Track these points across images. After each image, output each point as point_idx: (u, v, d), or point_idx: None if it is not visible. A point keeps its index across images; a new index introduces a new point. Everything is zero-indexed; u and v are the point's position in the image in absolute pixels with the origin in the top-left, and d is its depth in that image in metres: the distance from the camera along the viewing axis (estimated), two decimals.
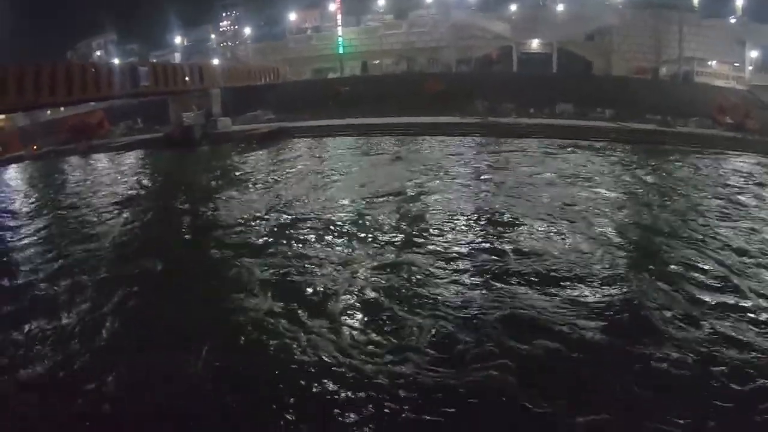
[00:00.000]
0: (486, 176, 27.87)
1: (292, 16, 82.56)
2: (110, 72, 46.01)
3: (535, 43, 69.80)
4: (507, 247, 16.37)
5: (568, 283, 13.65)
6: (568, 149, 38.53)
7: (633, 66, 67.66)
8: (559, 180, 27.30)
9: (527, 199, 22.85)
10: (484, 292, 13.18)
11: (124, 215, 23.92)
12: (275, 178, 30.36)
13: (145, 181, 33.96)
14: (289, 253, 16.57)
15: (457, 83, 61.41)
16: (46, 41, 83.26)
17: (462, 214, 20.28)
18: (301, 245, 17.33)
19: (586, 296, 12.79)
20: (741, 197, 23.80)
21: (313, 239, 17.95)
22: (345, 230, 18.88)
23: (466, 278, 14.05)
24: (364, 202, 22.73)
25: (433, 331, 11.14)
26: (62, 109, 65.43)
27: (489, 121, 50.07)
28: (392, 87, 62.02)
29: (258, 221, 20.81)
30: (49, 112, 69.67)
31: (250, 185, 28.81)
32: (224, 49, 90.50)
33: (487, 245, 16.65)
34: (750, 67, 68.19)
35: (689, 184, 26.97)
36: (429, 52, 74.13)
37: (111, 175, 37.32)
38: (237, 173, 33.45)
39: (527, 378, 9.40)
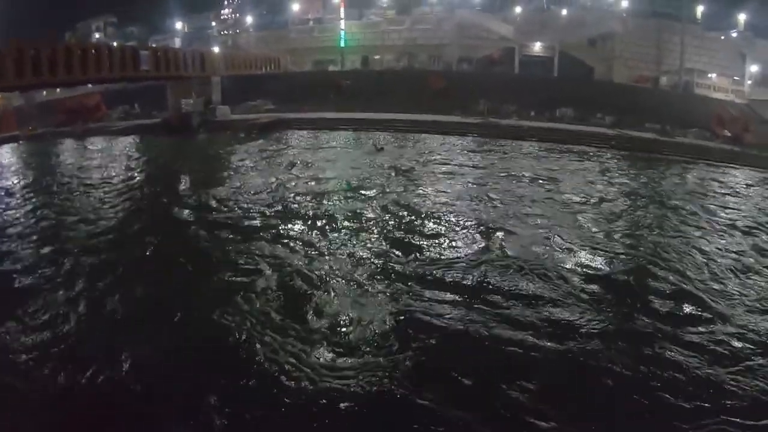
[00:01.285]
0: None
1: (295, 6, 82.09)
2: (111, 54, 45.64)
3: (537, 46, 69.80)
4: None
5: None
6: (564, 153, 38.63)
7: (634, 74, 67.92)
8: (527, 181, 27.71)
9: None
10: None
11: (116, 199, 23.79)
12: (266, 167, 30.33)
13: (139, 167, 33.81)
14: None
15: (459, 82, 61.21)
16: (46, 21, 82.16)
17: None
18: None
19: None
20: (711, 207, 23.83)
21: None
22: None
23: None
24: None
25: None
26: (58, 90, 65.01)
27: (490, 121, 50.04)
28: (393, 83, 61.77)
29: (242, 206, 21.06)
30: (45, 93, 69.15)
31: (243, 173, 28.73)
32: (225, 37, 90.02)
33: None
34: (749, 81, 68.69)
35: (668, 194, 26.60)
36: (431, 49, 73.78)
37: (106, 159, 37.08)
38: (232, 162, 33.30)
39: None
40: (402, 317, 11.67)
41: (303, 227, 18.16)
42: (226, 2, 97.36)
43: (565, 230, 18.14)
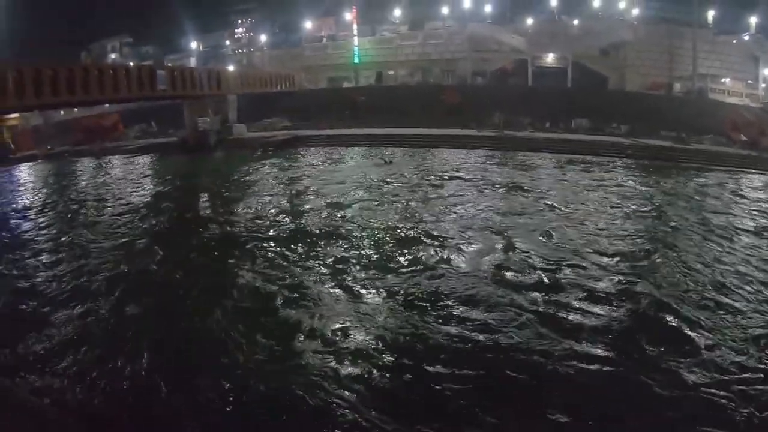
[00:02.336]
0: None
1: (308, 24, 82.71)
2: (128, 74, 46.17)
3: (550, 57, 69.82)
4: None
5: None
6: (580, 164, 38.59)
7: (647, 81, 67.83)
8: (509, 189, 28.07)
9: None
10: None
11: (135, 218, 23.96)
12: (283, 186, 30.43)
13: (157, 186, 34.11)
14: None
15: (473, 95, 61.46)
16: (64, 39, 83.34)
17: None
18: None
19: None
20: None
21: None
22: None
23: None
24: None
25: None
26: (76, 110, 65.75)
27: (505, 134, 50.07)
28: (408, 98, 62.04)
29: (260, 226, 21.11)
30: (62, 112, 69.95)
31: (259, 192, 28.93)
32: (240, 56, 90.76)
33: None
34: (763, 84, 68.49)
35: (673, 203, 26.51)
36: (444, 63, 74.17)
37: (123, 178, 37.43)
38: (248, 180, 33.51)
39: None
40: None
41: (320, 249, 17.94)
42: (239, 21, 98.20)
43: None
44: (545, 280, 14.71)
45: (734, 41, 71.59)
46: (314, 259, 16.82)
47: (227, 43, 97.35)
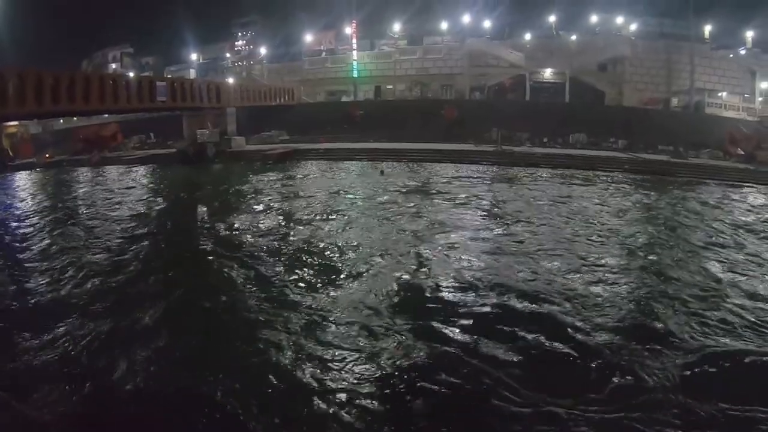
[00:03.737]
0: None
1: (308, 38, 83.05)
2: (129, 85, 46.40)
3: (547, 72, 70.10)
4: None
5: None
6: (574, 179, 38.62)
7: (644, 96, 68.25)
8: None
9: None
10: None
11: (129, 228, 23.90)
12: (279, 200, 30.41)
13: (153, 197, 33.99)
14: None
15: (471, 111, 61.91)
16: (66, 48, 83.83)
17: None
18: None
19: None
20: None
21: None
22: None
23: None
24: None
25: None
26: (75, 119, 65.98)
27: (503, 149, 50.20)
28: (406, 112, 62.26)
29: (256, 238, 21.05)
30: (62, 121, 70.26)
31: (257, 205, 28.87)
32: (240, 68, 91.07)
33: None
34: (760, 99, 68.77)
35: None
36: (442, 78, 74.48)
37: (121, 189, 37.40)
38: (246, 193, 33.38)
39: None
40: None
41: (317, 265, 17.48)
42: (240, 34, 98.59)
43: None
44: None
45: (731, 56, 72.21)
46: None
47: (227, 55, 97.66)
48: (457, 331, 12.25)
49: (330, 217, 24.69)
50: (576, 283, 15.41)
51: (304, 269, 16.91)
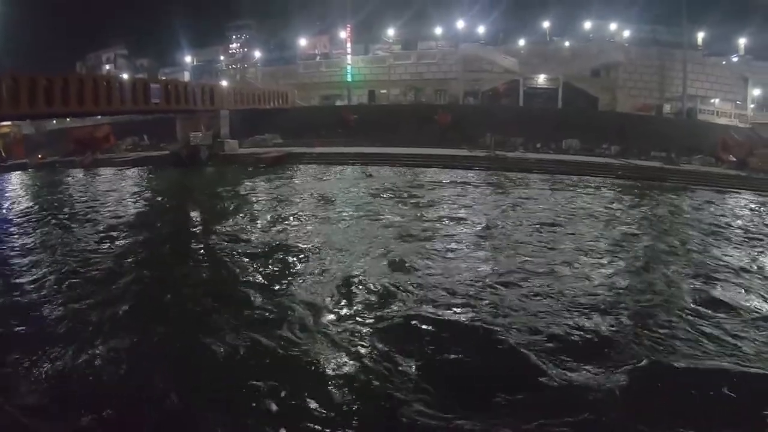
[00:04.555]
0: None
1: (303, 41, 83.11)
2: (122, 87, 46.28)
3: (541, 78, 70.36)
4: None
5: None
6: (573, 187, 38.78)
7: (637, 102, 68.53)
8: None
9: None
10: None
11: (120, 230, 23.79)
12: (271, 204, 30.32)
13: (145, 199, 33.79)
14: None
15: (465, 116, 62.03)
16: (57, 51, 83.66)
17: None
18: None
19: None
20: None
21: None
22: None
23: None
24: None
25: None
26: (68, 120, 65.77)
27: (496, 155, 50.30)
28: (400, 117, 62.44)
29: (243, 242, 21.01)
30: (55, 122, 70.01)
31: (248, 209, 28.76)
32: (234, 71, 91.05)
33: None
34: (752, 105, 69.25)
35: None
36: (436, 83, 74.68)
37: (113, 191, 37.22)
38: (238, 197, 33.22)
39: None
40: None
41: (306, 267, 17.57)
42: (234, 36, 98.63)
43: None
44: None
45: (724, 62, 72.51)
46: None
47: (221, 58, 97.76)
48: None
49: (311, 221, 24.89)
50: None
51: (269, 270, 17.19)
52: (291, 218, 25.63)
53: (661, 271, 17.53)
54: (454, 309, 13.76)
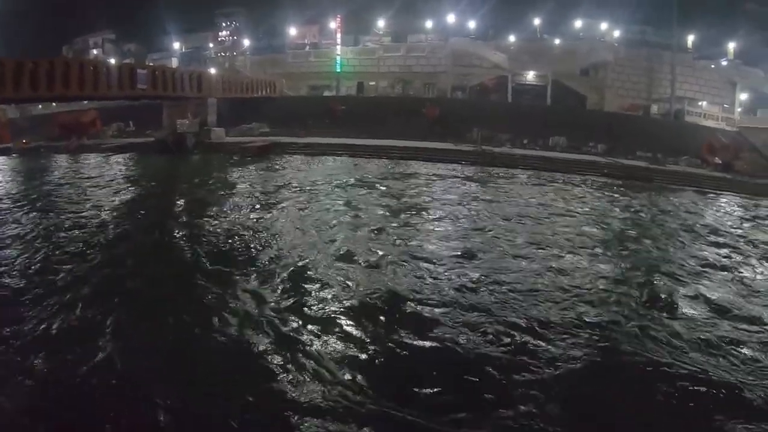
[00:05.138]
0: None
1: (292, 31, 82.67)
2: (109, 72, 45.81)
3: (530, 75, 70.51)
4: None
5: None
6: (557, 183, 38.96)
7: (625, 102, 68.80)
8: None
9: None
10: None
11: (105, 217, 23.66)
12: (257, 195, 30.07)
13: (130, 186, 33.36)
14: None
15: (453, 110, 62.00)
16: (44, 34, 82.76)
17: None
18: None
19: None
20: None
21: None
22: None
23: None
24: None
25: None
26: (54, 105, 65.11)
27: (483, 149, 50.33)
28: (388, 109, 62.16)
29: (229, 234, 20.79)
30: (40, 106, 69.29)
31: (233, 199, 28.57)
32: (222, 59, 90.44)
33: None
34: (739, 109, 69.68)
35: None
36: (425, 77, 74.63)
37: (98, 177, 36.59)
38: (224, 186, 33.08)
39: None
40: None
41: (290, 260, 17.24)
42: (224, 24, 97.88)
43: None
44: None
45: (713, 66, 73.01)
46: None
47: (210, 45, 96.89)
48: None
49: (283, 211, 24.99)
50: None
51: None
52: (264, 207, 25.89)
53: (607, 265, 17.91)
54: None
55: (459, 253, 18.08)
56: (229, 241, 19.30)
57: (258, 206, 25.94)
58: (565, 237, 21.46)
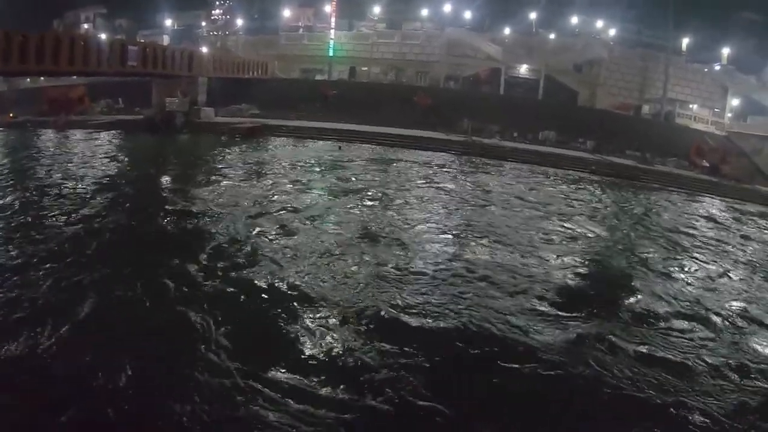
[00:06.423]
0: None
1: (286, 13, 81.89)
2: (100, 48, 45.34)
3: (523, 68, 70.43)
4: None
5: None
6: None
7: (617, 101, 69.04)
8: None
9: None
10: None
11: (91, 194, 23.42)
12: (244, 175, 30.08)
13: (118, 163, 33.17)
14: None
15: (445, 99, 61.79)
16: (35, 8, 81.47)
17: None
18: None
19: None
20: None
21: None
22: None
23: None
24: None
25: None
26: (42, 79, 64.42)
27: (473, 140, 50.36)
28: (379, 96, 61.79)
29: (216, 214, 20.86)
30: (28, 80, 68.58)
31: (221, 179, 28.42)
32: (214, 38, 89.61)
33: None
34: (729, 114, 70.19)
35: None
36: (418, 65, 74.29)
37: (86, 153, 36.32)
38: (211, 166, 32.88)
39: None
40: None
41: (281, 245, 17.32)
42: (217, 2, 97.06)
43: None
44: None
45: (705, 70, 73.44)
46: None
47: (203, 23, 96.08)
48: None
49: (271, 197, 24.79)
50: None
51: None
52: (242, 187, 26.27)
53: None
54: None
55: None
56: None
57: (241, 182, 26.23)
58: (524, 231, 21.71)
